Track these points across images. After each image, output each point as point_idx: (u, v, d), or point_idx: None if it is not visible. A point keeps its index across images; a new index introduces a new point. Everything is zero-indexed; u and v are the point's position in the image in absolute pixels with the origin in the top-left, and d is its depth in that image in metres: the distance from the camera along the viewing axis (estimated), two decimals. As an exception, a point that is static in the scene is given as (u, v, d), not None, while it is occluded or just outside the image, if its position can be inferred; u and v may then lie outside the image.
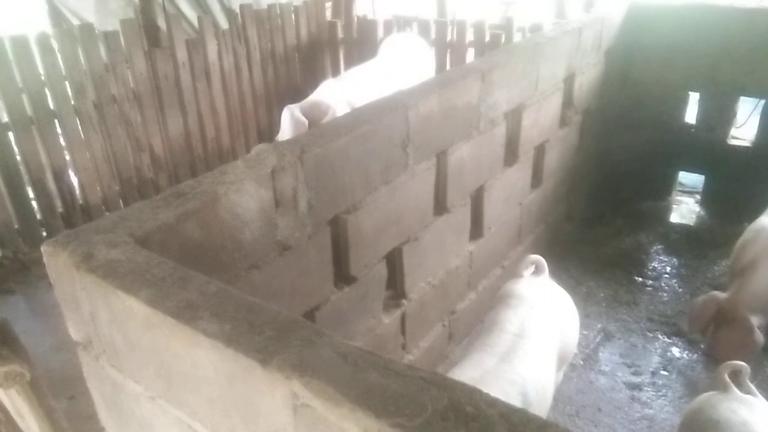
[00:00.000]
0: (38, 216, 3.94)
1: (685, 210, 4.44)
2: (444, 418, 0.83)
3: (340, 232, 2.07)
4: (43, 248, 1.26)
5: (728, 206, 4.13)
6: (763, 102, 3.95)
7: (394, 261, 2.44)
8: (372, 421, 0.84)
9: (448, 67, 5.01)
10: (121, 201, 4.30)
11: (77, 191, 4.07)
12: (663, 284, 3.56)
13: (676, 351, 3.03)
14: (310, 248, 1.92)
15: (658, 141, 4.28)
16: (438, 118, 2.34)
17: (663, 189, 4.44)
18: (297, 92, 5.47)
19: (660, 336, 3.13)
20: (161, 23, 4.56)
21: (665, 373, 2.89)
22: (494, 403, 0.85)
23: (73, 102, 3.93)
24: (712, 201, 4.32)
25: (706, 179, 4.32)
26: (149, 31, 4.36)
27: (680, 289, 3.51)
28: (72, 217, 4.04)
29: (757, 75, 3.82)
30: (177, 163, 4.61)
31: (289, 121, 3.87)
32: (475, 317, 3.06)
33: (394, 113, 2.11)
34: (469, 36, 4.95)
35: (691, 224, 4.28)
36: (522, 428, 0.82)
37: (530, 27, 4.65)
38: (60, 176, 3.96)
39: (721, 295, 2.78)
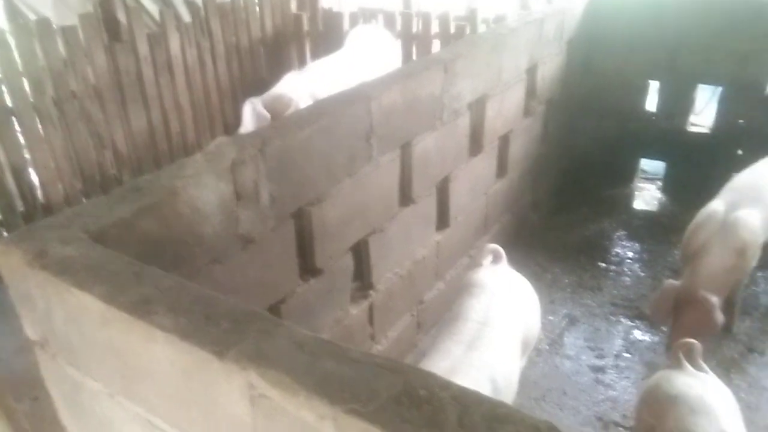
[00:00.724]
0: (-2, 216, 3.85)
1: (647, 196, 4.54)
2: (398, 402, 0.85)
3: (305, 225, 2.07)
4: (-6, 246, 1.23)
5: (689, 192, 4.21)
6: (720, 89, 4.06)
7: (360, 252, 2.45)
8: (327, 408, 0.85)
9: (414, 59, 5.02)
10: (83, 199, 4.21)
11: (38, 190, 3.98)
12: (626, 269, 3.65)
13: (638, 334, 3.11)
14: (274, 241, 1.92)
15: (621, 129, 4.36)
16: (402, 110, 2.35)
17: (626, 176, 4.54)
18: (263, 86, 5.40)
19: (623, 320, 3.21)
20: (121, 17, 4.47)
21: (628, 355, 2.97)
22: (447, 386, 0.87)
23: (31, 99, 3.83)
24: (673, 187, 4.43)
25: (667, 166, 4.43)
26: (109, 26, 4.26)
27: (642, 274, 3.60)
28: (33, 216, 3.94)
29: (714, 64, 3.93)
30: (141, 159, 4.54)
31: (251, 114, 3.84)
32: (443, 306, 3.09)
33: (357, 105, 2.11)
34: (435, 28, 4.96)
35: (654, 210, 4.39)
36: (474, 409, 0.84)
37: (494, 18, 4.68)
38: (20, 175, 3.86)
39: (677, 282, 2.85)
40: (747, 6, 3.74)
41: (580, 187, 4.40)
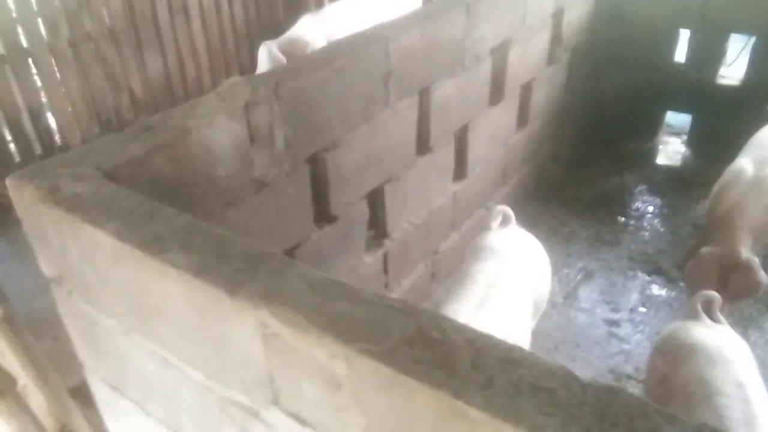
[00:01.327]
0: (17, 159, 3.87)
1: (671, 150, 4.43)
2: (410, 343, 0.83)
3: (320, 170, 2.04)
4: (7, 182, 1.22)
5: (714, 146, 4.11)
6: (753, 39, 3.88)
7: (376, 200, 2.42)
8: (339, 346, 0.84)
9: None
10: (101, 143, 4.22)
11: (56, 134, 3.99)
12: (645, 224, 3.59)
13: (654, 288, 3.09)
14: (288, 186, 1.90)
15: (647, 80, 4.21)
16: (421, 53, 2.28)
17: (650, 129, 4.41)
18: (279, 29, 5.29)
19: (640, 274, 3.18)
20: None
21: (643, 309, 2.95)
22: (461, 329, 0.86)
23: (46, 40, 3.79)
24: (698, 141, 4.30)
25: (693, 119, 4.29)
26: (122, -36, 4.17)
27: (662, 229, 3.54)
28: (51, 159, 3.97)
29: (748, 10, 3.74)
30: (157, 104, 4.51)
31: (267, 58, 3.77)
32: (459, 257, 3.07)
33: (373, 46, 2.05)
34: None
35: (677, 165, 4.29)
36: (488, 352, 0.82)
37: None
38: (37, 117, 3.87)
39: (714, 248, 2.73)
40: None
41: (603, 139, 4.29)
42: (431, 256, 2.90)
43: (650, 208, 3.75)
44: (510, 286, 2.06)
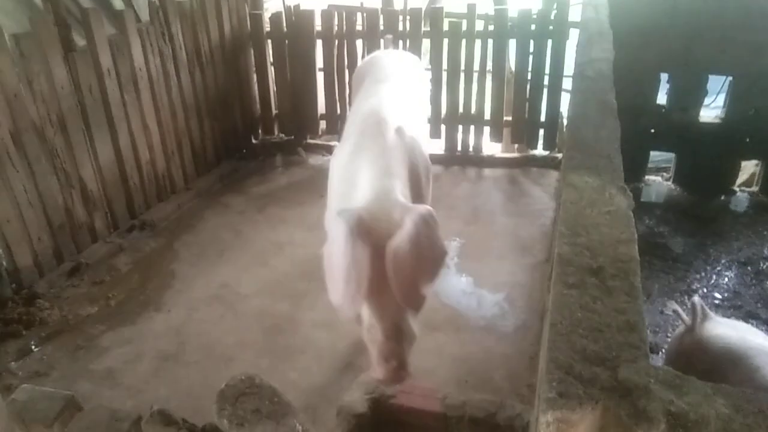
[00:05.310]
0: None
1: (656, 188, 4.58)
2: None
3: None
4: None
5: (699, 181, 4.34)
6: (730, 79, 4.17)
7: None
8: None
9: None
10: (54, 260, 3.26)
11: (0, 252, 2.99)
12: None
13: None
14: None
15: (632, 124, 4.31)
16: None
17: (637, 171, 4.53)
18: (226, 100, 4.67)
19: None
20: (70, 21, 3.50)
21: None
22: None
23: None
24: (683, 177, 4.49)
25: (677, 157, 4.49)
26: (60, 33, 3.31)
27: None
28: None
29: (727, 54, 4.01)
30: (111, 197, 3.64)
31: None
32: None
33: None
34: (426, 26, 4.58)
35: (663, 201, 4.43)
36: None
37: (494, 11, 4.42)
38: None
39: None
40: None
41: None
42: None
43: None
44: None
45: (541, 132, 4.67)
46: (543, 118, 4.63)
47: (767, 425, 0.80)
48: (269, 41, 4.86)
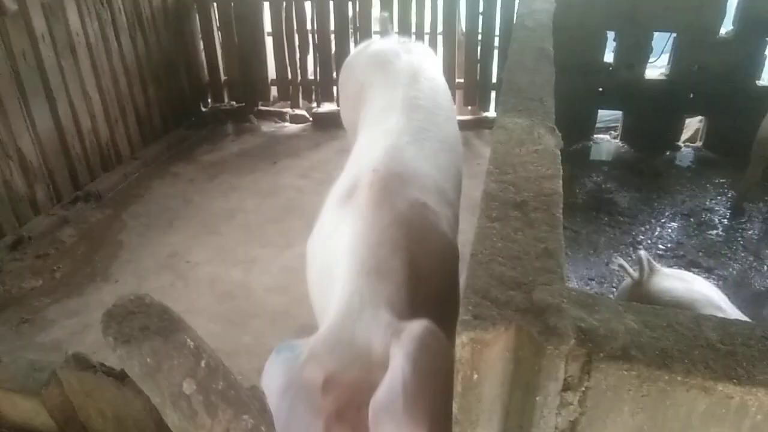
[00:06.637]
0: None
1: (606, 146, 4.66)
2: None
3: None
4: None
5: (646, 137, 4.43)
6: (674, 36, 4.24)
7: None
8: None
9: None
10: (-7, 233, 3.15)
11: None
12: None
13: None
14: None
15: (580, 83, 4.37)
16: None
17: (585, 130, 4.60)
18: (171, 66, 4.53)
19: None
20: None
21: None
22: None
23: None
24: (631, 134, 4.58)
25: (624, 114, 4.57)
26: (-15, -6, 3.15)
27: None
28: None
29: (671, 11, 4.07)
30: (52, 168, 3.51)
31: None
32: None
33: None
34: None
35: (612, 159, 4.52)
36: None
37: None
38: None
39: None
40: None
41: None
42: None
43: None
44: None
45: (493, 94, 4.71)
46: (494, 79, 4.67)
47: (675, 338, 0.83)
48: (214, 4, 4.73)
